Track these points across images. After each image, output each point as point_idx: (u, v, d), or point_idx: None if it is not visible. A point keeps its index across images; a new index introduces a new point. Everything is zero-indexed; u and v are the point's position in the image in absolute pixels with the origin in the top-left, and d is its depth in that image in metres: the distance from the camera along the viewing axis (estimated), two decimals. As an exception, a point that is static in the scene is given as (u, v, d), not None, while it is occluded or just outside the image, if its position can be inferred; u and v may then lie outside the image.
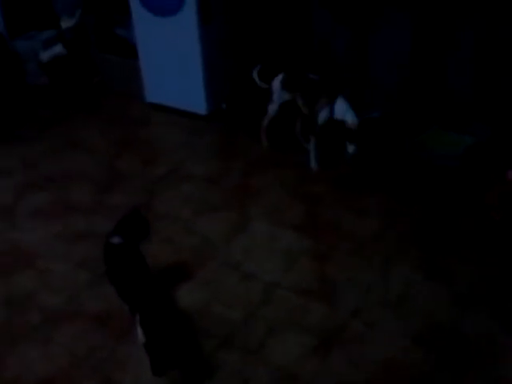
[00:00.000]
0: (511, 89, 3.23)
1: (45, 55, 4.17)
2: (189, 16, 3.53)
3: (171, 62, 3.76)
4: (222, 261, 2.69)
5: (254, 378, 2.11)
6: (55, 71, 4.19)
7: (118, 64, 4.31)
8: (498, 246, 2.69)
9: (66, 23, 4.20)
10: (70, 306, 2.47)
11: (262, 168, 3.39)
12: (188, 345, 2.25)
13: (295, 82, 3.33)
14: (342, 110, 3.06)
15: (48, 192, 3.25)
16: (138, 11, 3.71)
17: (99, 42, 4.27)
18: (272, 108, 3.40)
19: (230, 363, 2.17)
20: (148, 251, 2.36)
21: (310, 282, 2.54)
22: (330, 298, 2.45)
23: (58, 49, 4.11)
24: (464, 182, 3.11)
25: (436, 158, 3.34)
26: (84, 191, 3.25)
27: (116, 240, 2.29)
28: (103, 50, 4.30)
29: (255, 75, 3.45)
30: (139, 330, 2.09)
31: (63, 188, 3.29)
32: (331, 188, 3.18)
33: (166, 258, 2.70)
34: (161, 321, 2.16)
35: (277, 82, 3.34)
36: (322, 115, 3.16)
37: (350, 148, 3.01)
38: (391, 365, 2.14)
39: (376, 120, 3.42)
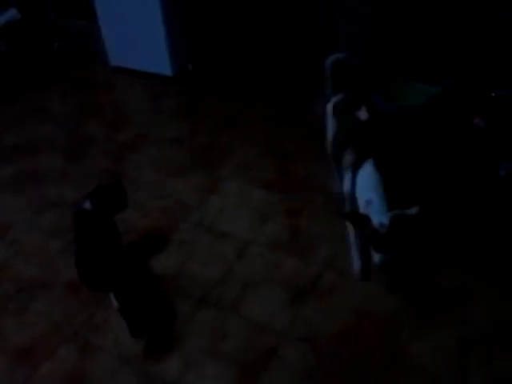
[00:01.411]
0: (475, 38, 3.24)
1: (-1, 21, 4.02)
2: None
3: (132, 24, 3.66)
4: (194, 221, 2.69)
5: (232, 332, 2.15)
6: (12, 37, 4.04)
7: (77, 28, 4.19)
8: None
9: (19, -14, 4.04)
10: (44, 275, 2.46)
11: (230, 127, 3.37)
12: (164, 305, 2.28)
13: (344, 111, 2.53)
14: (365, 188, 2.14)
15: (14, 162, 3.19)
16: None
17: (56, 5, 4.13)
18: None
19: (208, 320, 2.21)
20: (119, 216, 2.35)
21: (284, 236, 2.57)
22: (303, 251, 2.49)
23: (13, 13, 3.95)
24: (430, 131, 3.15)
25: (403, 109, 3.36)
26: (51, 159, 3.19)
27: (87, 206, 2.27)
28: (61, 14, 4.16)
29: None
30: (112, 296, 2.10)
31: (29, 157, 3.22)
32: (302, 144, 3.18)
33: (138, 222, 2.69)
34: (132, 285, 2.18)
35: (329, 105, 2.63)
36: (346, 183, 2.29)
37: (377, 257, 2.06)
38: (364, 312, 2.20)
39: (411, 218, 2.05)
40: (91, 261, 2.08)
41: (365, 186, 2.14)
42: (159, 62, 3.75)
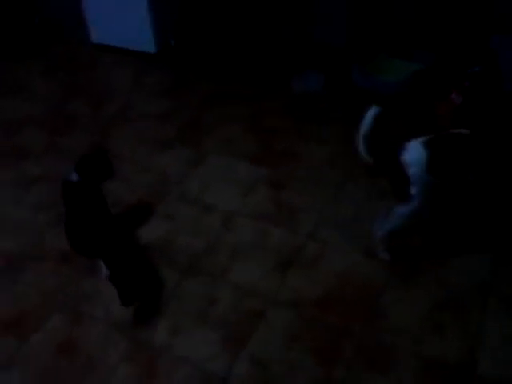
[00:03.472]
0: (453, 15, 3.31)
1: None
2: None
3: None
4: (180, 195, 2.74)
5: (220, 298, 2.22)
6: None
7: (59, 3, 4.14)
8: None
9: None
10: (33, 249, 2.49)
11: (214, 103, 3.41)
12: (153, 274, 2.33)
13: None
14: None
15: (-3, 137, 3.19)
16: None
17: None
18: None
19: (196, 287, 2.27)
20: (105, 191, 2.38)
21: (268, 208, 2.64)
22: (288, 221, 2.56)
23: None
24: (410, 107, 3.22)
25: (384, 86, 3.43)
26: (35, 136, 3.19)
27: (74, 177, 2.29)
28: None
29: None
30: (101, 264, 2.15)
31: (14, 134, 3.22)
32: (283, 120, 3.24)
33: (124, 195, 2.72)
34: (122, 253, 2.23)
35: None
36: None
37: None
38: (346, 278, 2.29)
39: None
40: (82, 230, 2.12)
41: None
42: (142, 39, 3.75)
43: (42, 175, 2.89)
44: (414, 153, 2.09)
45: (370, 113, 2.14)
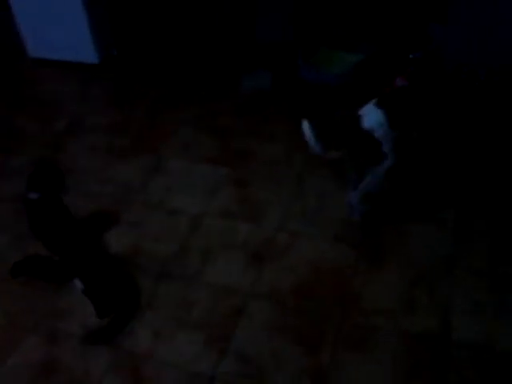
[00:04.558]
0: (391, 5, 3.44)
1: None
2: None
3: (50, 11, 3.55)
4: (144, 202, 2.72)
5: (198, 299, 2.22)
6: None
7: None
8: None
9: None
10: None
11: (165, 108, 3.40)
12: (127, 283, 2.30)
13: None
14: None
15: None
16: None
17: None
18: None
19: (172, 292, 2.26)
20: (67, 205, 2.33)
21: (234, 206, 2.66)
22: (255, 217, 2.59)
23: None
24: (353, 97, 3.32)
25: (328, 78, 3.52)
26: (-18, 156, 3.08)
27: (33, 195, 2.24)
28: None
29: None
30: (76, 278, 2.11)
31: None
32: (237, 119, 3.27)
33: (87, 209, 2.67)
34: (95, 264, 2.19)
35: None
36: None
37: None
38: (318, 265, 2.34)
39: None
40: (52, 244, 2.07)
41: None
42: (84, 50, 3.68)
43: (-5, 196, 2.79)
44: (372, 115, 2.26)
45: (305, 126, 2.32)
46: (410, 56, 3.12)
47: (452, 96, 2.47)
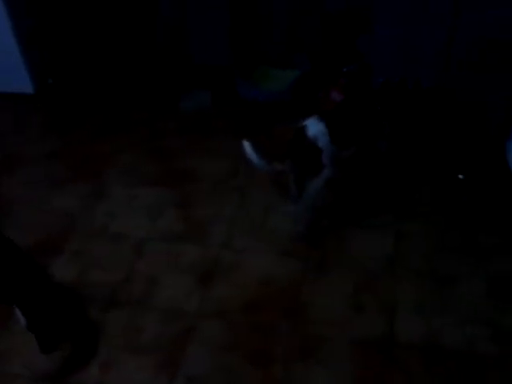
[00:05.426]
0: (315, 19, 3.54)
1: None
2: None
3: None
4: (87, 230, 2.67)
5: (147, 324, 2.20)
6: None
7: None
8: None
9: None
10: None
11: (106, 133, 3.36)
12: (72, 315, 2.25)
13: None
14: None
15: None
16: None
17: None
18: None
19: (120, 320, 2.23)
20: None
21: (178, 228, 2.65)
22: (200, 237, 2.59)
23: None
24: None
25: (266, 95, 3.59)
26: None
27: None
28: None
29: None
30: (18, 313, 2.04)
31: None
32: (179, 139, 3.27)
33: (29, 241, 2.59)
34: (38, 298, 2.13)
35: None
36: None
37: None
38: (266, 279, 2.37)
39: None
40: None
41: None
42: (18, 81, 3.61)
43: None
44: (314, 126, 2.35)
45: (245, 145, 2.37)
46: (344, 69, 3.22)
47: (383, 107, 2.56)
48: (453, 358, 2.03)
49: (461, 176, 2.90)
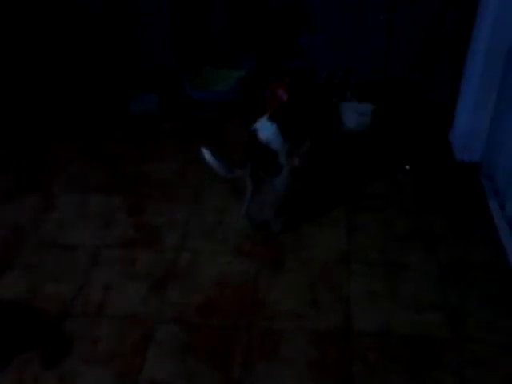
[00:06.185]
0: (262, 19, 3.58)
1: None
2: None
3: None
4: (37, 242, 2.61)
5: (103, 334, 2.16)
6: None
7: None
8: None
9: None
10: None
11: (51, 143, 3.32)
12: (25, 330, 2.20)
13: None
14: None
15: None
16: None
17: None
18: None
19: (75, 331, 2.18)
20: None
21: (131, 233, 2.63)
22: (154, 242, 2.58)
23: None
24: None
25: (214, 95, 3.60)
26: None
27: None
28: None
29: None
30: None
31: None
32: (127, 144, 3.24)
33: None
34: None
35: None
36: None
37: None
38: (223, 279, 2.37)
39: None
40: None
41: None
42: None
43: None
44: (266, 129, 2.37)
45: (205, 152, 2.36)
46: (287, 66, 3.26)
47: (328, 102, 2.61)
48: (408, 343, 2.09)
49: (407, 166, 2.99)
